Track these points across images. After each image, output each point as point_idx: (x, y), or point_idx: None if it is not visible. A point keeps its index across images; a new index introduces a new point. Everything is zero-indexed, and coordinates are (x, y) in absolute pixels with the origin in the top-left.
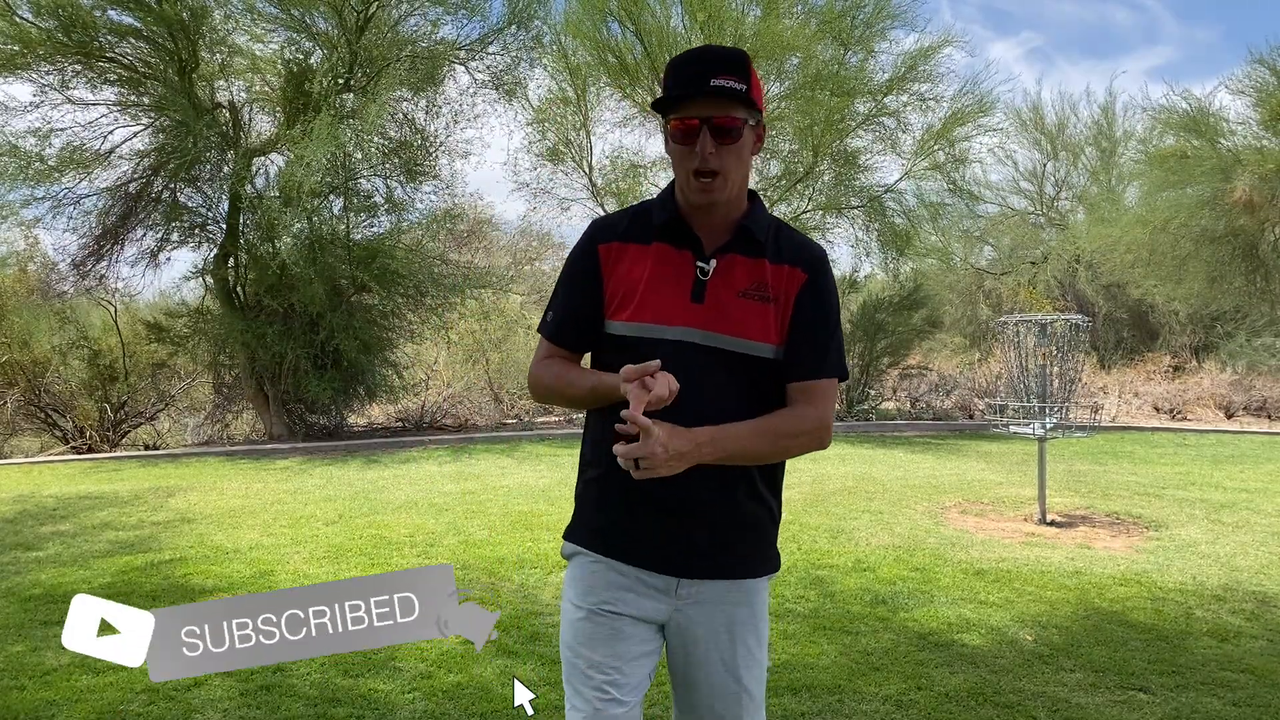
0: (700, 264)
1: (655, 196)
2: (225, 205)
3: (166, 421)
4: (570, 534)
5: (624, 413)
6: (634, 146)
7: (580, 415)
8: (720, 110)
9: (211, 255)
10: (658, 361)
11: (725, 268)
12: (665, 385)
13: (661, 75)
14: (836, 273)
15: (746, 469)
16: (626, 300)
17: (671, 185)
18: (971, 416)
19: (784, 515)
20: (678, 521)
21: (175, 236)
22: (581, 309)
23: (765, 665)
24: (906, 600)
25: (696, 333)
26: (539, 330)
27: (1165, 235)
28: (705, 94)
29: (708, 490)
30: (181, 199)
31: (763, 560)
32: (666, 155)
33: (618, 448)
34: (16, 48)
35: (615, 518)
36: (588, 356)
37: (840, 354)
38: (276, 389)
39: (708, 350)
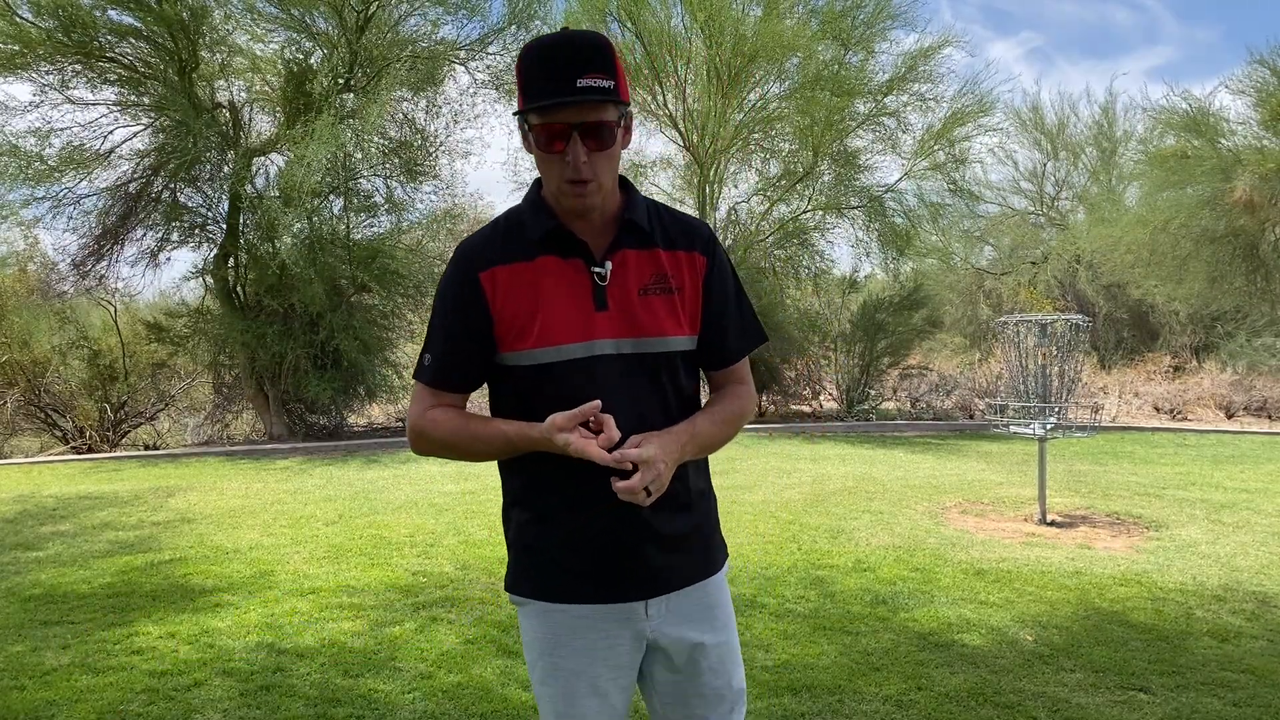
0: (595, 269)
1: (521, 204)
2: (225, 205)
3: (166, 421)
4: (514, 587)
5: (616, 455)
6: (634, 145)
7: None
8: (590, 114)
9: (211, 255)
10: (597, 403)
11: (620, 266)
12: (613, 424)
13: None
14: (836, 273)
15: (684, 468)
16: (526, 327)
17: (537, 188)
18: (972, 416)
19: (784, 515)
20: (630, 542)
21: (175, 236)
22: (468, 348)
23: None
24: (907, 600)
25: (609, 343)
26: (416, 377)
27: (1165, 235)
28: (573, 99)
29: (653, 502)
30: (181, 199)
31: (718, 550)
32: (536, 156)
33: (618, 485)
34: (16, 48)
35: (561, 561)
36: (478, 399)
37: (755, 318)
38: (276, 389)
39: (626, 358)
